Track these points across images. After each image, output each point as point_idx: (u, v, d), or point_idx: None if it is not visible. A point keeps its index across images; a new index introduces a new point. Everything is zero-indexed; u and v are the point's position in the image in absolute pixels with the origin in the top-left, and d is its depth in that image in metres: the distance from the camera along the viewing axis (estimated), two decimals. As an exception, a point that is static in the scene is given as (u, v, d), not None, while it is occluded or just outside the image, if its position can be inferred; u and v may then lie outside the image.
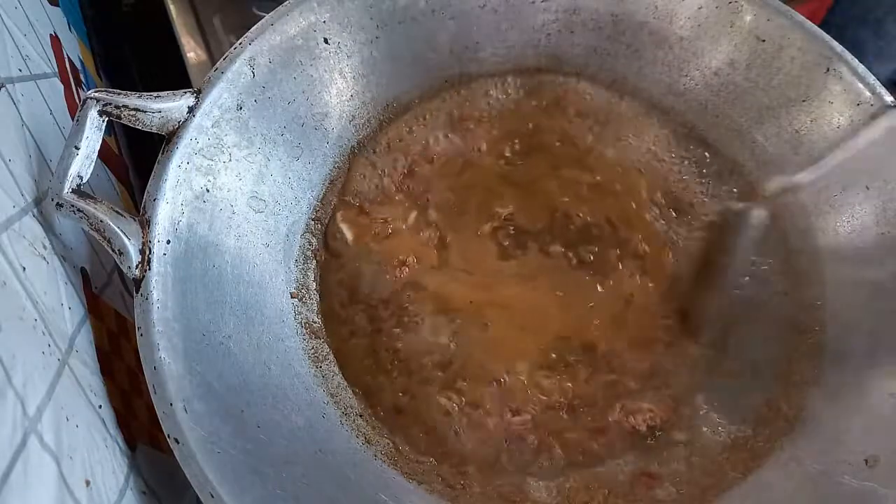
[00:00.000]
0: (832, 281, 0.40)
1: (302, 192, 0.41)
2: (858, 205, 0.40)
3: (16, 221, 0.29)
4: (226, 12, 0.56)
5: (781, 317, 0.40)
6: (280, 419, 0.34)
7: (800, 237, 0.42)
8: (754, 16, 0.42)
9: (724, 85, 0.44)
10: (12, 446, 0.22)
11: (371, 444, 0.37)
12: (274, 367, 0.36)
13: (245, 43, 0.38)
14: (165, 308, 0.32)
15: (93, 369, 0.32)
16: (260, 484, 0.31)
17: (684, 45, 0.44)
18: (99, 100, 0.33)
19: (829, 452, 0.36)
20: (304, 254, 0.41)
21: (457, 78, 0.46)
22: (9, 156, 0.30)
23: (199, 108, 0.35)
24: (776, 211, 0.41)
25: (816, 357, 0.39)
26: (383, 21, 0.42)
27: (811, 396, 0.38)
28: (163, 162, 0.34)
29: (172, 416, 0.30)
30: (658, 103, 0.46)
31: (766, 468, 0.36)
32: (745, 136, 0.44)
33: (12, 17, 0.37)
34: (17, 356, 0.24)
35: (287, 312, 0.39)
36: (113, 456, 0.30)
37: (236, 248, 0.37)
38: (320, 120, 0.42)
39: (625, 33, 0.45)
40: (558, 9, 0.45)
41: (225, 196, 0.37)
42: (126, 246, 0.32)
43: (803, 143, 0.42)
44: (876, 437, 0.35)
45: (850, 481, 0.34)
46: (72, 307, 0.31)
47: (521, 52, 0.46)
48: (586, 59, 0.46)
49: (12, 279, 0.26)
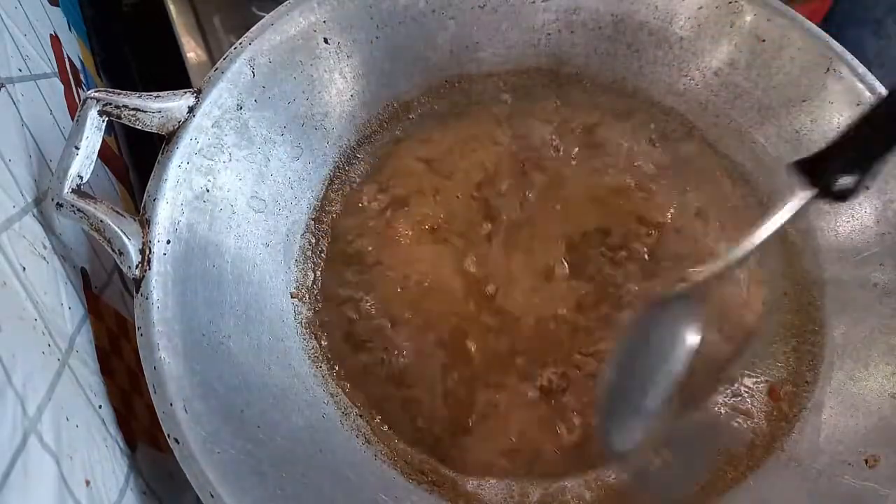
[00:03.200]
0: (832, 281, 0.40)
1: (302, 192, 0.41)
2: (858, 205, 0.40)
3: (16, 221, 0.29)
4: (226, 12, 0.56)
5: (782, 318, 0.40)
6: (280, 419, 0.34)
7: (800, 237, 0.42)
8: (754, 16, 0.42)
9: (724, 85, 0.44)
10: (12, 446, 0.22)
11: (371, 444, 0.37)
12: (274, 367, 0.36)
13: (245, 43, 0.38)
14: (165, 308, 0.32)
15: (93, 369, 0.32)
16: (260, 484, 0.31)
17: (684, 45, 0.44)
18: (99, 100, 0.33)
19: (829, 452, 0.36)
20: (304, 254, 0.41)
21: (457, 78, 0.46)
22: (9, 156, 0.30)
23: (199, 108, 0.35)
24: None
25: (816, 357, 0.39)
26: (383, 21, 0.42)
27: (811, 396, 0.38)
28: (163, 162, 0.34)
29: (172, 416, 0.30)
30: (658, 103, 0.46)
31: (766, 468, 0.36)
32: (745, 136, 0.44)
33: (12, 17, 0.37)
34: (17, 356, 0.24)
35: (287, 312, 0.39)
36: (113, 456, 0.30)
37: (236, 248, 0.37)
38: (320, 120, 0.42)
39: (625, 33, 0.45)
40: (558, 9, 0.45)
41: (225, 196, 0.37)
42: (126, 246, 0.32)
43: (803, 143, 0.42)
44: (876, 437, 0.35)
45: (850, 481, 0.34)
46: (72, 307, 0.31)
47: (521, 52, 0.46)
48: (586, 59, 0.46)
49: (12, 279, 0.26)
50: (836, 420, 0.37)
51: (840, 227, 0.41)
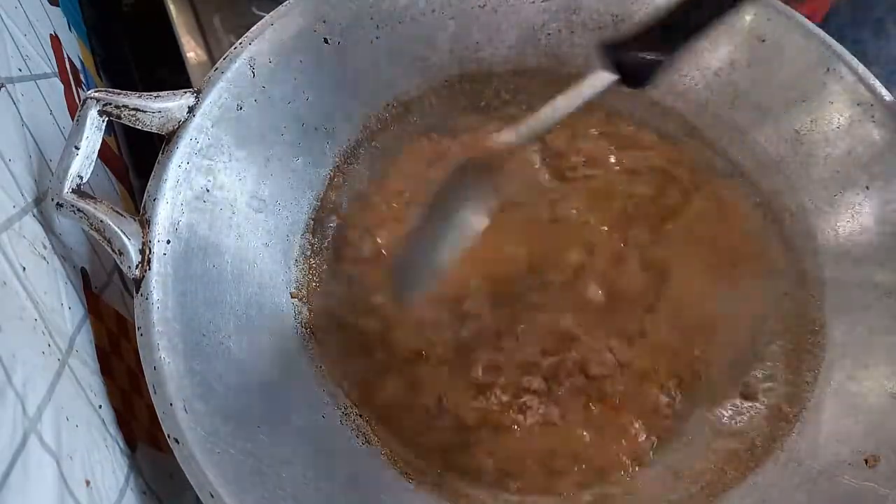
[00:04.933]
0: (832, 281, 0.40)
1: (302, 192, 0.41)
2: (858, 205, 0.40)
3: (16, 221, 0.29)
4: (226, 12, 0.56)
5: (782, 318, 0.40)
6: (280, 419, 0.34)
7: (800, 237, 0.42)
8: (754, 16, 0.42)
9: (724, 85, 0.44)
10: (12, 446, 0.22)
11: (371, 444, 0.37)
12: (274, 367, 0.36)
13: (245, 43, 0.38)
14: (165, 308, 0.32)
15: (93, 369, 0.32)
16: (260, 484, 0.31)
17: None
18: (99, 100, 0.33)
19: (829, 452, 0.35)
20: (304, 254, 0.41)
21: (457, 78, 0.46)
22: (9, 156, 0.30)
23: (199, 108, 0.35)
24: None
25: (816, 357, 0.39)
26: (383, 21, 0.42)
27: (811, 396, 0.38)
28: (163, 162, 0.34)
29: (172, 416, 0.30)
30: (658, 103, 0.46)
31: (766, 468, 0.36)
32: (745, 136, 0.44)
33: (12, 17, 0.37)
34: (17, 356, 0.24)
35: (287, 312, 0.39)
36: (113, 456, 0.30)
37: (236, 248, 0.37)
38: (320, 120, 0.42)
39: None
40: (558, 9, 0.45)
41: (225, 196, 0.37)
42: (126, 246, 0.32)
43: (803, 143, 0.42)
44: (876, 437, 0.35)
45: (850, 481, 0.34)
46: (72, 307, 0.31)
47: (521, 52, 0.46)
48: (586, 59, 0.46)
49: (12, 279, 0.26)
50: (836, 420, 0.37)
51: (840, 227, 0.41)
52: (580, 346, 0.39)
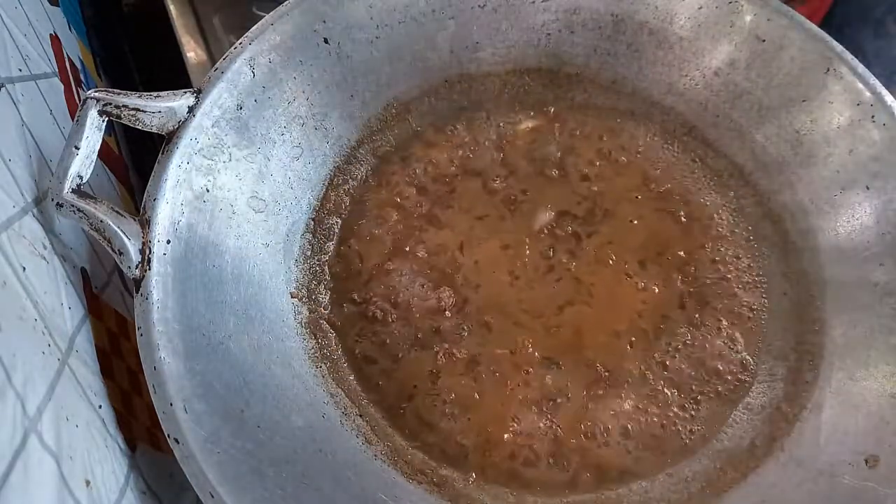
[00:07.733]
0: (832, 281, 0.40)
1: (302, 192, 0.41)
2: (858, 205, 0.40)
3: (16, 221, 0.28)
4: (226, 12, 0.56)
5: (781, 318, 0.40)
6: (280, 419, 0.34)
7: (800, 237, 0.42)
8: (754, 16, 0.42)
9: (724, 85, 0.44)
10: (12, 446, 0.22)
11: (371, 444, 0.37)
12: (274, 367, 0.36)
13: (245, 43, 0.38)
14: (165, 308, 0.32)
15: (93, 369, 0.32)
16: (260, 484, 0.31)
17: (684, 45, 0.44)
18: (99, 100, 0.33)
19: (829, 452, 0.35)
20: (304, 254, 0.41)
21: (457, 78, 0.46)
22: (9, 156, 0.30)
23: (199, 108, 0.35)
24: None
25: (816, 357, 0.39)
26: (383, 21, 0.42)
27: (811, 396, 0.38)
28: (163, 162, 0.34)
29: (172, 416, 0.30)
30: (658, 103, 0.46)
31: (766, 468, 0.36)
32: (745, 136, 0.44)
33: (12, 17, 0.37)
34: (17, 356, 0.24)
35: (287, 312, 0.39)
36: (113, 456, 0.30)
37: (236, 248, 0.37)
38: (320, 120, 0.42)
39: (625, 33, 0.45)
40: (558, 9, 0.45)
41: (225, 196, 0.37)
42: (126, 246, 0.32)
43: (803, 143, 0.42)
44: (876, 437, 0.35)
45: (850, 481, 0.34)
46: (72, 307, 0.31)
47: (521, 52, 0.46)
48: (586, 59, 0.46)
49: (12, 279, 0.26)
50: (836, 420, 0.37)
51: (840, 227, 0.41)
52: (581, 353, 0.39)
